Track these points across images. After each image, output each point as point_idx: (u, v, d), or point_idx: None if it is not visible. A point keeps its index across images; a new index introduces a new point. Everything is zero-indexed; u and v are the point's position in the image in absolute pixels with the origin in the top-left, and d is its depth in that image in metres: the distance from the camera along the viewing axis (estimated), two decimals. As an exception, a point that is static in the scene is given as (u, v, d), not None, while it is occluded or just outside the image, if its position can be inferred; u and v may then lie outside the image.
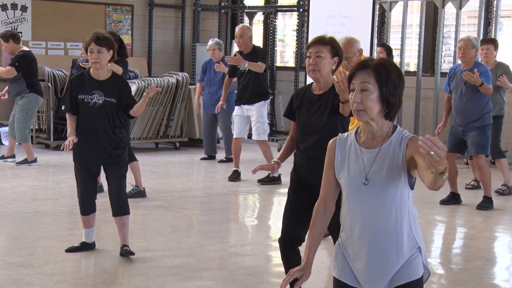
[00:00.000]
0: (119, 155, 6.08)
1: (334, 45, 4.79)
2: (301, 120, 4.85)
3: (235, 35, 10.08)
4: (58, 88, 12.29)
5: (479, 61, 8.63)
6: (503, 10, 12.29)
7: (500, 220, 8.16)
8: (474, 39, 8.52)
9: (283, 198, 9.27)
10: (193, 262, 6.09)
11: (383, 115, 3.22)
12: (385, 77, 3.18)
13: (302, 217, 4.78)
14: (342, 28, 12.02)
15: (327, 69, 4.76)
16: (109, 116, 5.99)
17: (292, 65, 14.99)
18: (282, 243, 4.90)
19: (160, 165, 11.10)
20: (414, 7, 13.35)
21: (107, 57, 5.98)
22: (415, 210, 3.29)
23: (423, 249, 3.28)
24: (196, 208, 8.36)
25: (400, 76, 3.24)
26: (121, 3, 14.68)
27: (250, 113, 9.78)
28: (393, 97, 3.19)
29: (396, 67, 3.26)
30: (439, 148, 2.77)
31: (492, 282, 5.89)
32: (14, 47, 10.26)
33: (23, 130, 10.30)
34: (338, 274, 3.34)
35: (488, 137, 8.45)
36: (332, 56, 4.76)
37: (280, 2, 15.75)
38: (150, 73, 14.78)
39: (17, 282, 5.41)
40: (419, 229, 3.31)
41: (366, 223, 3.23)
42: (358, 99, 3.19)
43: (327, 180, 3.39)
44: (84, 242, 6.28)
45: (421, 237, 3.28)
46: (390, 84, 3.18)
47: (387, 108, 3.20)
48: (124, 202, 6.15)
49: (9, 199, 8.25)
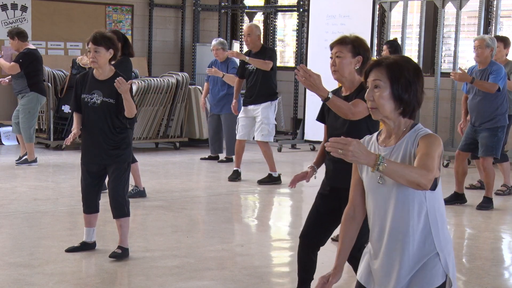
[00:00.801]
0: (118, 155, 6.02)
1: (355, 44, 4.68)
2: (329, 123, 4.82)
3: (243, 33, 10.06)
4: (58, 88, 12.29)
5: (494, 61, 8.42)
6: (503, 10, 12.28)
7: (500, 220, 8.16)
8: (489, 38, 8.37)
9: (283, 198, 9.33)
10: (193, 262, 6.08)
11: (400, 113, 3.20)
12: (397, 74, 3.16)
13: (325, 218, 4.77)
14: (342, 28, 12.01)
15: (348, 69, 4.68)
16: (107, 117, 5.95)
17: (292, 65, 14.99)
18: (301, 242, 4.88)
19: (160, 165, 11.10)
20: (414, 7, 13.35)
21: (105, 56, 5.95)
22: (440, 214, 3.20)
23: (443, 257, 3.17)
24: (196, 208, 8.35)
25: (416, 73, 3.20)
26: (121, 3, 14.68)
27: (256, 114, 9.64)
28: (406, 94, 3.16)
29: (411, 64, 3.22)
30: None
31: (492, 282, 5.89)
32: (19, 44, 10.27)
33: (28, 130, 10.32)
34: (359, 276, 3.35)
35: (499, 139, 8.32)
36: (353, 56, 4.67)
37: (280, 2, 15.75)
38: (150, 73, 14.78)
39: (17, 282, 5.41)
40: (447, 235, 3.22)
41: (382, 223, 3.22)
42: (371, 97, 3.20)
43: (354, 183, 3.40)
44: (84, 242, 6.27)
45: (446, 244, 3.20)
46: (403, 81, 3.16)
47: (401, 105, 3.18)
48: (119, 204, 6.05)
49: (9, 199, 8.25)
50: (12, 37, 10.27)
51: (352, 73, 4.70)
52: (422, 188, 3.02)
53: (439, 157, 3.11)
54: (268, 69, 9.46)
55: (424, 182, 2.98)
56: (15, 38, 10.24)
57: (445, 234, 3.22)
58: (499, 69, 8.26)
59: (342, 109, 4.59)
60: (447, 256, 3.20)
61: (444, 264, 3.18)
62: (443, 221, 3.23)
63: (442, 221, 3.22)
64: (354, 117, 4.62)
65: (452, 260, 3.22)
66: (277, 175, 9.67)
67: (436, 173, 3.07)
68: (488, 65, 8.25)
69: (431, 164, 3.04)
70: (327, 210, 4.77)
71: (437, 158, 3.09)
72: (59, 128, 12.23)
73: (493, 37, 8.59)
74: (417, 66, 3.25)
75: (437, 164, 3.08)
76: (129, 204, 6.14)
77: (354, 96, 4.69)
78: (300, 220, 8.14)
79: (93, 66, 6.03)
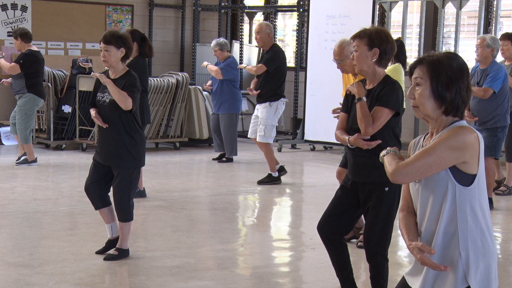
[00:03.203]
0: (124, 158, 5.93)
1: (371, 37, 4.65)
2: (353, 114, 4.79)
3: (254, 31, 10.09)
4: (58, 88, 12.28)
5: (496, 61, 8.32)
6: (503, 10, 12.28)
7: (500, 220, 8.16)
8: (490, 38, 8.30)
9: (283, 198, 9.33)
10: (193, 262, 6.09)
11: (442, 112, 3.10)
12: (438, 71, 3.07)
13: (343, 208, 4.81)
14: (342, 28, 12.03)
15: (365, 63, 4.66)
16: (115, 115, 5.90)
17: (292, 65, 14.99)
18: (320, 234, 4.93)
19: (160, 165, 11.10)
20: (414, 7, 13.35)
21: (116, 55, 5.91)
22: (473, 213, 3.07)
23: (465, 258, 3.04)
24: (196, 208, 8.35)
25: (460, 70, 3.09)
26: (121, 3, 14.68)
27: (258, 113, 9.68)
28: (448, 92, 3.06)
29: (455, 61, 3.11)
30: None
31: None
32: (22, 45, 10.25)
33: (23, 131, 10.30)
34: (406, 271, 3.29)
35: (499, 140, 8.27)
36: (369, 49, 4.64)
37: (280, 2, 15.75)
38: (150, 73, 14.77)
39: (17, 282, 5.41)
40: (480, 241, 3.06)
41: (420, 222, 3.17)
42: (412, 95, 3.14)
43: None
44: (108, 240, 6.20)
45: (475, 250, 3.05)
46: (443, 79, 3.06)
47: (443, 104, 3.09)
48: (122, 210, 6.00)
49: (9, 199, 8.25)
50: (16, 37, 10.26)
51: (371, 66, 4.67)
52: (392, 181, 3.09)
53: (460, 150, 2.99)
54: (259, 73, 9.54)
55: (389, 173, 3.09)
56: (18, 38, 10.23)
57: (478, 238, 3.07)
58: (498, 70, 8.19)
59: (363, 121, 4.61)
60: (473, 262, 3.06)
61: (466, 268, 3.05)
62: (478, 222, 3.07)
63: (476, 222, 3.07)
64: (373, 132, 4.62)
65: (483, 272, 3.08)
66: (276, 175, 9.67)
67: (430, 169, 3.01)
68: (489, 65, 8.23)
69: (410, 160, 3.05)
70: (345, 202, 4.83)
71: (447, 150, 2.98)
72: (59, 128, 12.23)
73: (496, 38, 8.49)
74: (461, 63, 3.12)
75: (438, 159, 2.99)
76: (133, 209, 6.08)
77: (377, 89, 4.68)
78: (300, 220, 8.15)
79: (104, 65, 6.05)
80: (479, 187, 3.08)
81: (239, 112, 11.28)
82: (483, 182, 3.10)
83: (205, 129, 12.72)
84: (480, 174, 3.07)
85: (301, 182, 10.30)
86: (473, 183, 3.05)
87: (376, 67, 4.68)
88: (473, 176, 3.05)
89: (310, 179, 10.38)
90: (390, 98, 4.65)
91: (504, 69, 8.33)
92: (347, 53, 6.32)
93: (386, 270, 4.84)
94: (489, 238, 3.11)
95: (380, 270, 4.82)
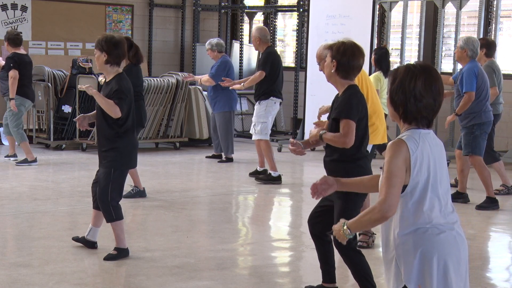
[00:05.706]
0: (105, 157, 6.01)
1: (333, 49, 5.00)
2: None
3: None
4: (58, 88, 12.28)
5: (474, 61, 8.31)
6: (503, 10, 12.29)
7: (500, 220, 8.15)
8: (464, 39, 8.36)
9: (283, 198, 9.33)
10: (193, 262, 6.09)
11: (400, 118, 3.27)
12: (393, 78, 3.24)
13: (325, 203, 5.03)
14: (342, 28, 12.03)
15: (327, 72, 5.09)
16: (102, 117, 6.01)
17: (292, 65, 14.99)
18: (308, 224, 5.20)
19: (160, 165, 11.10)
20: (414, 7, 13.35)
21: (100, 59, 6.00)
22: (409, 213, 3.24)
23: (398, 261, 3.28)
24: (196, 208, 8.35)
25: (413, 78, 3.19)
26: (121, 3, 14.68)
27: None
28: (397, 98, 3.22)
29: (411, 70, 3.22)
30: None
31: (492, 283, 5.89)
32: (9, 49, 10.33)
33: (15, 131, 10.37)
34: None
35: (475, 137, 8.32)
36: (331, 60, 5.03)
37: (280, 2, 15.75)
38: (150, 73, 14.78)
39: (17, 282, 5.41)
40: (419, 238, 3.25)
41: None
42: None
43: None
44: (83, 236, 6.32)
45: (405, 246, 3.24)
46: (395, 87, 3.23)
47: (395, 110, 3.27)
48: (104, 210, 6.02)
49: (9, 199, 8.25)
50: (4, 41, 10.37)
51: (333, 76, 5.04)
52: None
53: (396, 160, 3.15)
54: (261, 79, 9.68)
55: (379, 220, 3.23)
56: (5, 42, 10.33)
57: (409, 237, 3.22)
58: (467, 70, 8.24)
59: (337, 143, 4.95)
60: (406, 262, 3.24)
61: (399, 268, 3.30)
62: (412, 222, 3.22)
63: (412, 222, 3.22)
64: (352, 142, 4.91)
65: (418, 269, 3.23)
66: (276, 175, 9.67)
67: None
68: (465, 66, 8.32)
69: (382, 195, 3.17)
70: (322, 204, 5.10)
71: (391, 165, 3.14)
72: (59, 128, 12.23)
73: (472, 39, 8.45)
74: (417, 71, 3.21)
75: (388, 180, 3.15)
76: (117, 209, 6.04)
77: (341, 97, 5.03)
78: (300, 220, 8.14)
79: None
80: (408, 191, 3.21)
81: (234, 110, 11.25)
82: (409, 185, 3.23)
83: (205, 129, 12.72)
84: (412, 183, 3.19)
85: (301, 182, 10.30)
86: (405, 190, 3.20)
87: (338, 77, 5.03)
88: (405, 185, 3.20)
89: (310, 179, 10.33)
90: (350, 109, 4.96)
91: (476, 67, 8.29)
92: (323, 56, 6.44)
93: (364, 263, 4.95)
94: (418, 229, 3.25)
95: (355, 263, 4.94)
